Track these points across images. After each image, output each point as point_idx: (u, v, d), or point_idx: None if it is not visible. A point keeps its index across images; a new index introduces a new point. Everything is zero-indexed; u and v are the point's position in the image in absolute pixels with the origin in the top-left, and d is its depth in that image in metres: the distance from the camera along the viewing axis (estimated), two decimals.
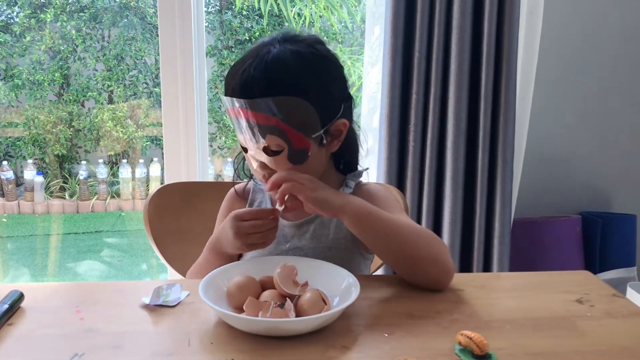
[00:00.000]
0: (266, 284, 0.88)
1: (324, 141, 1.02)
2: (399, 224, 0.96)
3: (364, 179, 1.14)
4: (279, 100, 0.94)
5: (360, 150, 1.14)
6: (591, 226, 2.09)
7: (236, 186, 1.19)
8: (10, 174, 4.36)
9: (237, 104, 0.95)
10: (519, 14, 1.78)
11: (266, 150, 0.98)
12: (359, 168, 1.15)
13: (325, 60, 1.03)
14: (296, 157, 0.99)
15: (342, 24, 4.21)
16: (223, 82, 1.03)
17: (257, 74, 0.95)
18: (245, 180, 1.19)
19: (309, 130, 0.98)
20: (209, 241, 1.08)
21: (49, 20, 4.43)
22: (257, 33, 4.57)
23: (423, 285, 0.95)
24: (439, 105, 1.82)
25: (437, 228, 1.89)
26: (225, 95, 0.98)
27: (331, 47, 1.06)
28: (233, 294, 0.86)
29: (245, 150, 1.03)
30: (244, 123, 0.96)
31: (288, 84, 0.96)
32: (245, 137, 0.98)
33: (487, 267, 1.92)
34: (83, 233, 4.21)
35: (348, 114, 1.06)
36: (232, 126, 5.04)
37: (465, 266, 1.92)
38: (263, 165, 1.01)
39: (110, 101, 4.73)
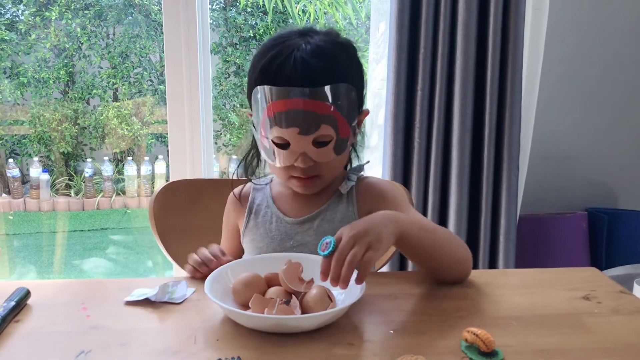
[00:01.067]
0: (272, 281, 0.88)
1: (356, 130, 1.02)
2: (439, 231, 0.96)
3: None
4: (338, 87, 0.93)
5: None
6: (597, 222, 2.08)
7: (235, 190, 1.17)
8: (16, 172, 4.37)
9: (296, 94, 0.91)
10: (524, 10, 1.78)
11: (314, 142, 0.95)
12: (359, 162, 1.15)
13: (354, 49, 1.03)
14: (340, 147, 0.98)
15: (347, 21, 4.21)
16: (256, 78, 0.95)
17: (314, 62, 0.92)
18: (244, 180, 1.17)
19: (351, 118, 0.98)
20: None
21: (54, 18, 4.45)
22: (262, 30, 4.56)
23: (449, 282, 0.96)
24: (444, 101, 1.82)
25: (442, 225, 1.88)
26: (273, 86, 0.92)
27: None
28: (239, 291, 0.86)
29: (282, 146, 0.96)
30: (294, 115, 0.92)
31: (340, 71, 0.95)
32: (291, 130, 0.93)
33: (492, 264, 1.92)
34: (89, 230, 4.22)
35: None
36: (236, 124, 4.93)
37: None
38: (306, 160, 0.96)
39: (115, 99, 4.74)
